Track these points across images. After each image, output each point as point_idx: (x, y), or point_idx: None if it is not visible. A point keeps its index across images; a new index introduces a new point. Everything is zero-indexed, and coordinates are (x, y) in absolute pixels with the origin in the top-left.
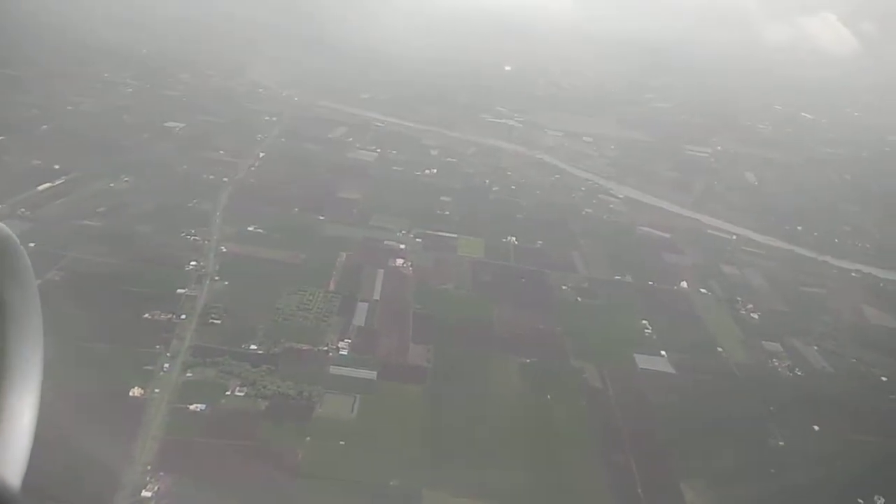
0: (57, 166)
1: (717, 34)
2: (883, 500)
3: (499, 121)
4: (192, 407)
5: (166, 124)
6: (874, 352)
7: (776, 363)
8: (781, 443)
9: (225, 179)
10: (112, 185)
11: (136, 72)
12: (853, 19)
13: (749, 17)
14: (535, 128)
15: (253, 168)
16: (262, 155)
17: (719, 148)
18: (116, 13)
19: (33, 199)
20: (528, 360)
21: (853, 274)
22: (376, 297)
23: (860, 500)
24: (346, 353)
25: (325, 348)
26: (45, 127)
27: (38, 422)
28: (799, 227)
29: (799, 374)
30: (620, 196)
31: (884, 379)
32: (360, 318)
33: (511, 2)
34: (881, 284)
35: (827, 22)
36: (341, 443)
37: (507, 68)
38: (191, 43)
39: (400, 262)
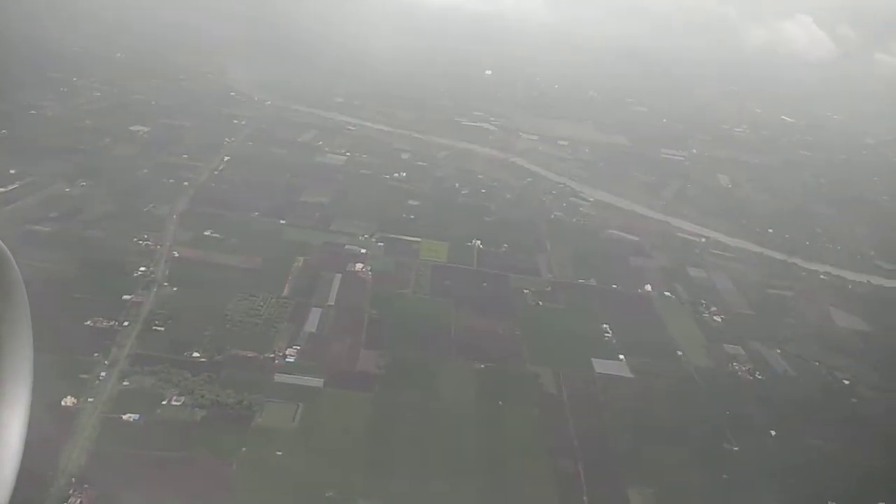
0: (12, 171)
1: (696, 39)
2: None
3: (474, 124)
4: (125, 417)
5: (131, 128)
6: (838, 355)
7: (736, 367)
8: (736, 448)
9: (185, 183)
10: (68, 189)
11: (106, 76)
12: (829, 23)
13: (727, 22)
14: (510, 132)
15: (216, 172)
16: (226, 159)
17: (695, 151)
18: (95, 16)
19: None
20: (482, 366)
21: (822, 276)
22: (331, 302)
23: None
24: (292, 360)
25: (272, 355)
26: (3, 131)
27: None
28: (770, 230)
29: (759, 377)
30: (591, 199)
31: (846, 382)
32: (311, 325)
33: (488, 5)
34: (850, 287)
35: (803, 25)
36: (278, 453)
37: (488, 72)
38: (169, 48)
39: (359, 266)
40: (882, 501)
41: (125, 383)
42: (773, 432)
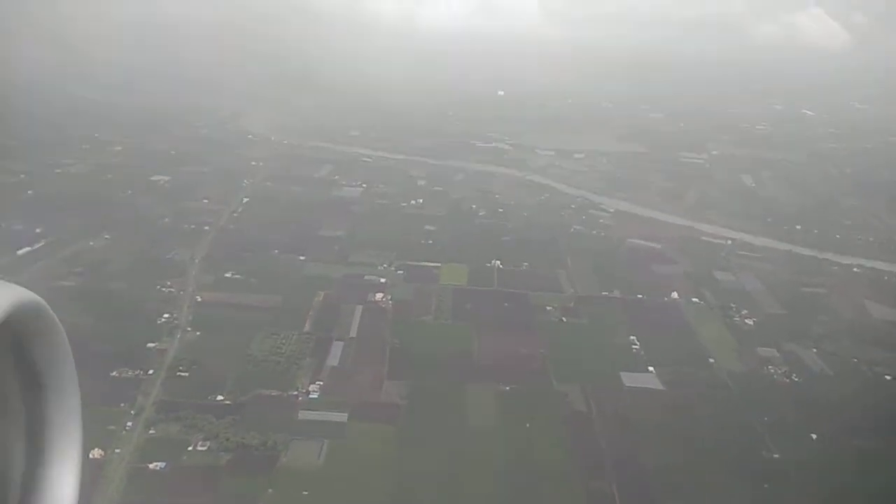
0: (38, 230)
1: (707, 39)
2: None
3: (489, 145)
4: (151, 466)
5: (152, 178)
6: (877, 349)
7: (771, 370)
8: (776, 455)
9: (206, 228)
10: (92, 243)
11: (126, 130)
12: (842, 13)
13: (737, 20)
14: (525, 149)
15: (235, 214)
16: (245, 200)
17: (715, 153)
18: (109, 64)
19: (12, 264)
20: (507, 388)
21: (855, 269)
22: (353, 334)
23: None
24: (316, 396)
25: (295, 392)
26: (30, 192)
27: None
28: (798, 226)
29: (796, 379)
30: (611, 210)
31: (888, 378)
32: (334, 358)
33: (489, 23)
34: (885, 278)
35: (815, 17)
36: (304, 493)
37: (500, 93)
38: (185, 91)
39: (379, 296)
40: None
41: (151, 431)
42: (813, 436)
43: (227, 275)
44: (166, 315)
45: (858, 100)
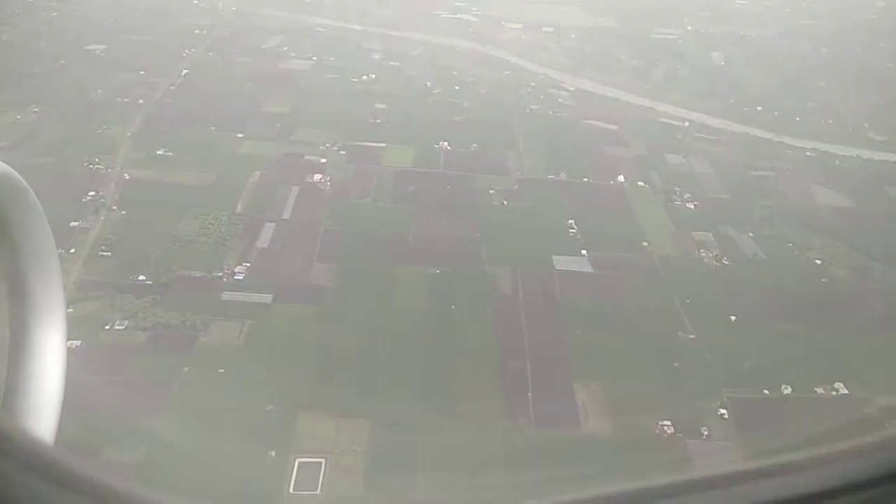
0: None
1: None
2: (790, 388)
3: (454, 17)
4: (67, 344)
5: (87, 48)
6: (815, 234)
7: (703, 253)
8: (692, 336)
9: (141, 101)
10: (19, 117)
11: None
12: None
13: None
14: (492, 22)
15: (173, 87)
16: (185, 72)
17: (689, 28)
18: None
19: None
20: (438, 271)
21: (808, 153)
22: (286, 216)
23: (766, 391)
24: (241, 278)
25: (220, 274)
26: None
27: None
28: (759, 108)
29: (726, 263)
30: (572, 89)
31: (818, 262)
32: (264, 240)
33: None
34: (836, 162)
35: None
36: (221, 371)
37: None
38: None
39: (318, 177)
40: (840, 381)
41: (69, 310)
42: (732, 318)
43: (159, 152)
44: (92, 193)
45: None
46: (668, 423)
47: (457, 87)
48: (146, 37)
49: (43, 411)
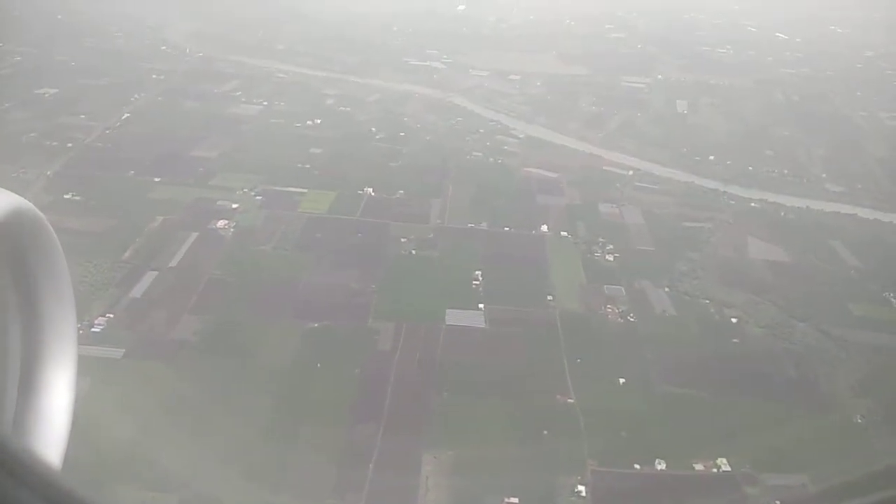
0: None
1: None
2: (664, 463)
3: (423, 64)
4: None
5: (37, 91)
6: (738, 290)
7: (609, 309)
8: (570, 400)
9: (70, 145)
10: None
11: (35, 39)
12: None
13: None
14: (459, 69)
15: (108, 131)
16: (126, 116)
17: (660, 77)
18: None
19: None
20: (316, 325)
21: (753, 204)
22: (172, 264)
23: (637, 465)
24: (98, 331)
25: (78, 326)
26: None
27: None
28: (711, 157)
29: (631, 319)
30: (521, 136)
31: (734, 320)
32: (139, 290)
33: None
34: (782, 213)
35: None
36: None
37: (461, 7)
38: (117, 6)
39: (222, 223)
40: (724, 456)
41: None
42: (621, 380)
43: (67, 196)
44: None
45: (841, 24)
46: (516, 500)
47: (402, 133)
48: (102, 81)
49: (49, 446)
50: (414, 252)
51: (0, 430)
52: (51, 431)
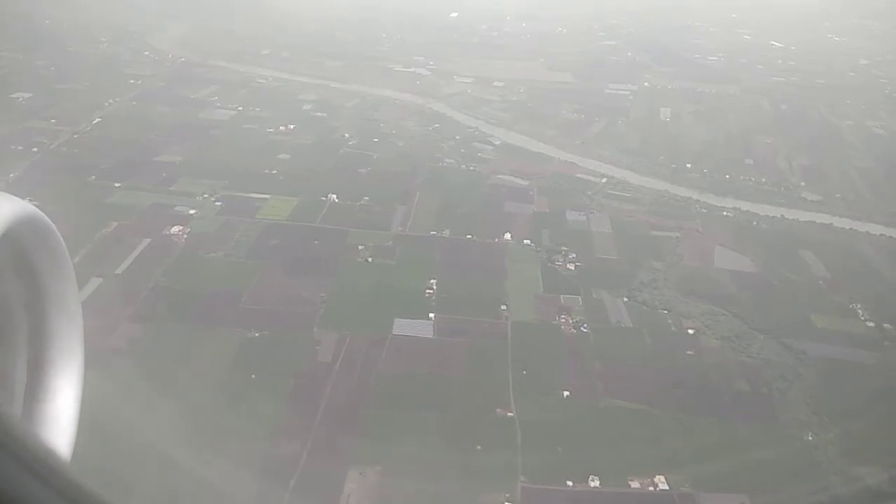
0: None
1: None
2: (598, 480)
3: (407, 70)
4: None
5: (11, 96)
6: (698, 300)
7: (563, 319)
8: (510, 413)
9: (35, 150)
10: None
11: (20, 44)
12: None
13: None
14: (444, 76)
15: (76, 136)
16: (96, 121)
17: (646, 84)
18: None
19: None
20: (257, 334)
21: (726, 213)
22: (119, 271)
23: (569, 482)
24: None
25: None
26: None
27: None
28: (688, 165)
29: (584, 330)
30: (497, 143)
31: (690, 332)
32: (80, 297)
33: None
34: (755, 223)
35: None
36: None
37: (453, 15)
38: (105, 12)
39: (176, 229)
40: (662, 474)
41: None
42: (565, 393)
43: (24, 200)
44: None
45: (839, 32)
46: None
47: (375, 139)
48: (79, 86)
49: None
50: (370, 260)
51: (15, 423)
52: (56, 438)
